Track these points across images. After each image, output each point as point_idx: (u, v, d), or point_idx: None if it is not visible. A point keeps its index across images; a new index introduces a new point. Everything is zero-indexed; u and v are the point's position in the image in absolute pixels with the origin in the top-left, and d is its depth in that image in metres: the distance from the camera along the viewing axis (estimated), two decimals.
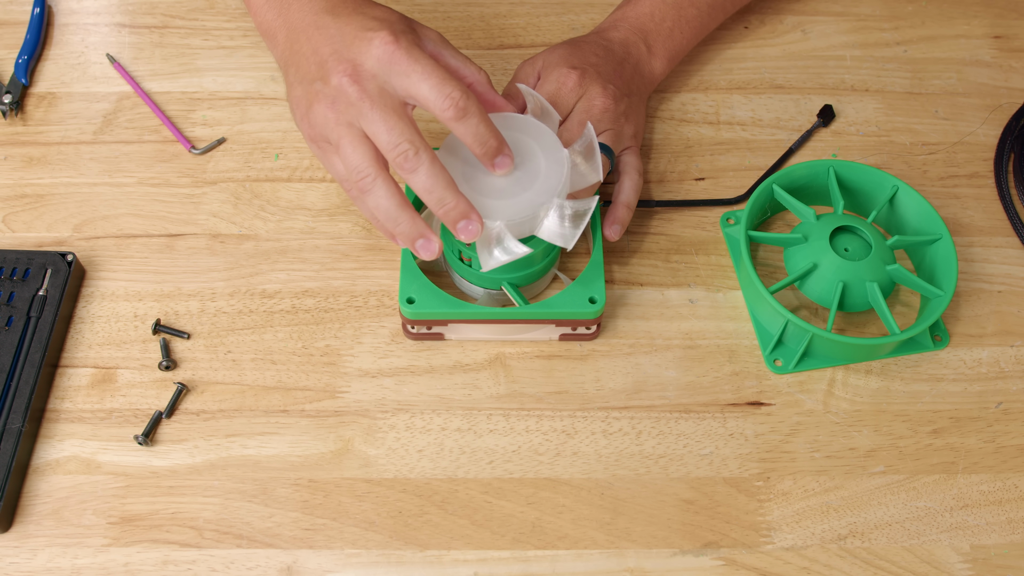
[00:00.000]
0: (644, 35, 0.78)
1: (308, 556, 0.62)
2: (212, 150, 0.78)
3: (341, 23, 0.61)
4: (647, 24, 0.78)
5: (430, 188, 0.59)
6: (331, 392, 0.68)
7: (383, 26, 0.60)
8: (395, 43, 0.59)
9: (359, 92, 0.59)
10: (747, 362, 0.70)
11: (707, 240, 0.75)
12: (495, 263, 0.62)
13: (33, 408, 0.65)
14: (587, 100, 0.71)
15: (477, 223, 0.60)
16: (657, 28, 0.78)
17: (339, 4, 0.63)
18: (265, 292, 0.72)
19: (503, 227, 0.61)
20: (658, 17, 0.78)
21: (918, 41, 0.86)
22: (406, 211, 0.61)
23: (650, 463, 0.66)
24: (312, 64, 0.61)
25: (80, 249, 0.73)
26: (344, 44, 0.60)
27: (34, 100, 0.81)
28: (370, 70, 0.59)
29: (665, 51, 0.78)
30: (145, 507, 0.63)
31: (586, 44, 0.75)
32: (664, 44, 0.78)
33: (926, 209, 0.71)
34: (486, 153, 0.61)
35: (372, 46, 0.59)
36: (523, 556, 0.62)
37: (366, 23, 0.61)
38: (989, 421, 0.68)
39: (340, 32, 0.61)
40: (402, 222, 0.61)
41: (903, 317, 0.72)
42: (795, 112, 0.82)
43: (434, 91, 0.58)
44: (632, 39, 0.77)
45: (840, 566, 0.63)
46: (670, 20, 0.78)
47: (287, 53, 0.64)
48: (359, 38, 0.60)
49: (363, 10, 0.62)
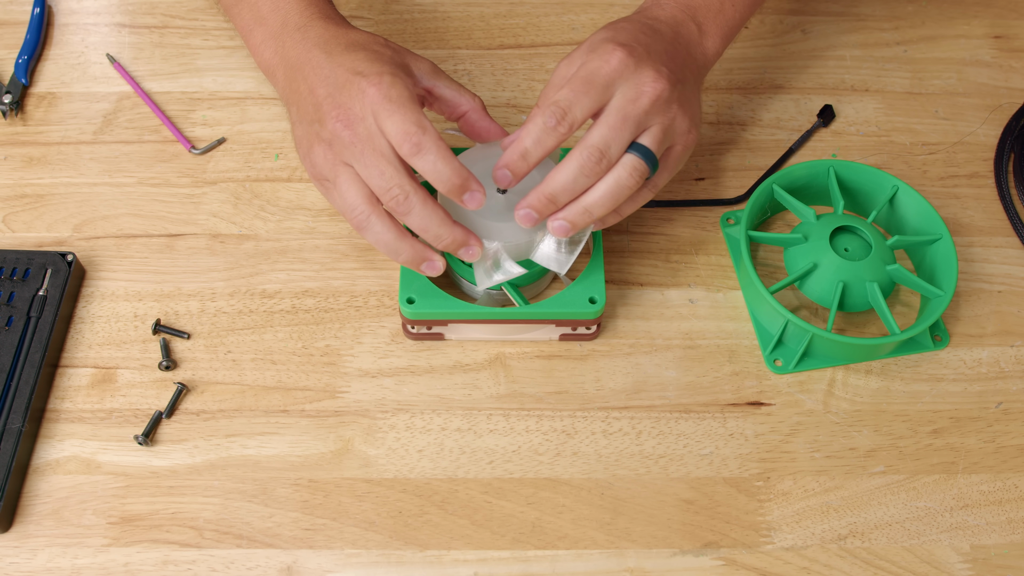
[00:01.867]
0: (693, 12, 0.68)
1: (308, 556, 0.62)
2: (212, 150, 0.78)
3: (334, 63, 0.62)
4: (694, 0, 0.68)
5: (425, 227, 0.61)
6: (331, 392, 0.68)
7: (372, 70, 0.61)
8: (377, 87, 0.60)
9: (351, 137, 0.60)
10: (747, 362, 0.70)
11: (707, 240, 0.75)
12: (491, 282, 0.64)
13: (33, 408, 0.65)
14: (635, 86, 0.60)
15: (476, 246, 0.63)
16: (707, 3, 0.68)
17: (331, 40, 0.64)
18: (265, 292, 0.72)
19: (500, 248, 0.64)
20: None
21: (918, 41, 0.86)
22: (404, 241, 0.62)
23: (650, 463, 0.66)
24: (310, 105, 0.63)
25: (80, 249, 0.73)
26: (337, 87, 0.61)
27: (34, 100, 0.81)
28: (359, 114, 0.60)
29: (718, 28, 0.68)
30: (145, 507, 0.63)
31: (628, 23, 0.65)
32: (716, 20, 0.68)
33: (926, 209, 0.72)
34: (449, 191, 0.60)
35: (360, 90, 0.60)
36: (523, 556, 0.62)
37: (357, 65, 0.61)
38: (989, 421, 0.68)
39: (333, 74, 0.62)
40: (403, 252, 0.63)
41: (903, 317, 0.72)
42: (795, 112, 0.82)
43: (397, 132, 0.59)
44: (680, 17, 0.67)
45: (840, 566, 0.63)
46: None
47: (288, 91, 0.66)
48: (350, 82, 0.61)
49: (354, 49, 0.63)
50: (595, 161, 0.60)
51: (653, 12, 0.67)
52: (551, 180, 0.61)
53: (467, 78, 0.83)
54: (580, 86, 0.60)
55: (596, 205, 0.61)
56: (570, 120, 0.60)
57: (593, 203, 0.61)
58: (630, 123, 0.60)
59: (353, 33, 0.65)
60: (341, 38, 0.64)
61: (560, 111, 0.60)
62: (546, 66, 0.84)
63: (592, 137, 0.60)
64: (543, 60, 0.84)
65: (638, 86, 0.60)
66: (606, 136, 0.60)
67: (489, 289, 0.68)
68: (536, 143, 0.60)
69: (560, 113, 0.60)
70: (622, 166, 0.61)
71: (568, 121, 0.60)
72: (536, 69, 0.84)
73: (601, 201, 0.61)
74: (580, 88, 0.60)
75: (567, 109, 0.60)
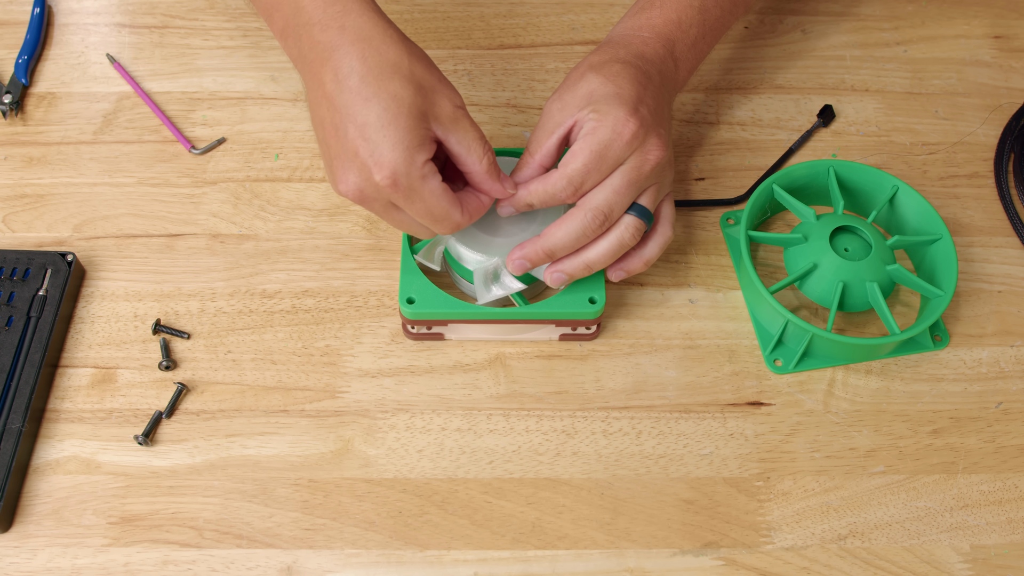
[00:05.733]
0: (671, 46, 0.69)
1: (308, 556, 0.62)
2: (212, 150, 0.78)
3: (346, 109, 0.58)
4: (674, 33, 0.69)
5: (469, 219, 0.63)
6: (331, 392, 0.68)
7: (384, 158, 0.57)
8: (393, 187, 0.58)
9: (369, 206, 0.61)
10: (747, 362, 0.70)
11: (707, 240, 0.75)
12: (492, 297, 0.66)
13: (33, 408, 0.65)
14: (641, 155, 0.62)
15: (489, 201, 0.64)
16: (684, 37, 0.70)
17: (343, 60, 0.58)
18: (265, 292, 0.72)
19: (500, 263, 0.65)
20: (685, 25, 0.70)
21: (918, 41, 0.86)
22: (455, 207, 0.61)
23: (650, 463, 0.66)
24: (325, 109, 0.59)
25: (80, 249, 0.73)
26: (347, 158, 0.58)
27: (34, 100, 0.81)
28: (371, 195, 0.59)
29: (689, 64, 0.71)
30: (145, 507, 0.63)
31: (623, 67, 0.65)
32: (689, 55, 0.70)
33: (926, 209, 0.71)
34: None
35: (372, 180, 0.58)
36: (523, 556, 0.62)
37: (369, 135, 0.57)
38: (989, 421, 0.68)
39: (344, 130, 0.58)
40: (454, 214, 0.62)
41: (903, 317, 0.72)
42: (795, 112, 0.82)
43: (428, 226, 0.61)
44: (662, 53, 0.68)
45: (840, 566, 0.63)
46: (696, 27, 0.70)
47: (303, 67, 0.62)
48: (358, 163, 0.58)
49: (367, 92, 0.58)
50: (599, 224, 0.62)
51: (639, 49, 0.67)
52: (551, 236, 0.63)
53: (467, 78, 0.83)
54: (594, 162, 0.61)
55: (596, 261, 0.64)
56: (581, 192, 0.62)
57: (594, 260, 0.64)
58: (633, 188, 0.63)
59: (372, 55, 0.58)
60: (356, 62, 0.58)
61: (572, 187, 0.62)
62: (546, 66, 0.84)
63: (596, 200, 0.62)
64: (543, 60, 0.84)
65: (644, 155, 0.62)
66: (610, 201, 0.62)
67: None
68: (543, 203, 0.64)
69: (572, 188, 0.62)
70: (624, 227, 0.63)
71: (580, 193, 0.62)
72: (536, 69, 0.84)
73: (601, 258, 0.64)
74: (593, 164, 0.61)
75: (579, 185, 0.62)
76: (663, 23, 0.69)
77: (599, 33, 0.86)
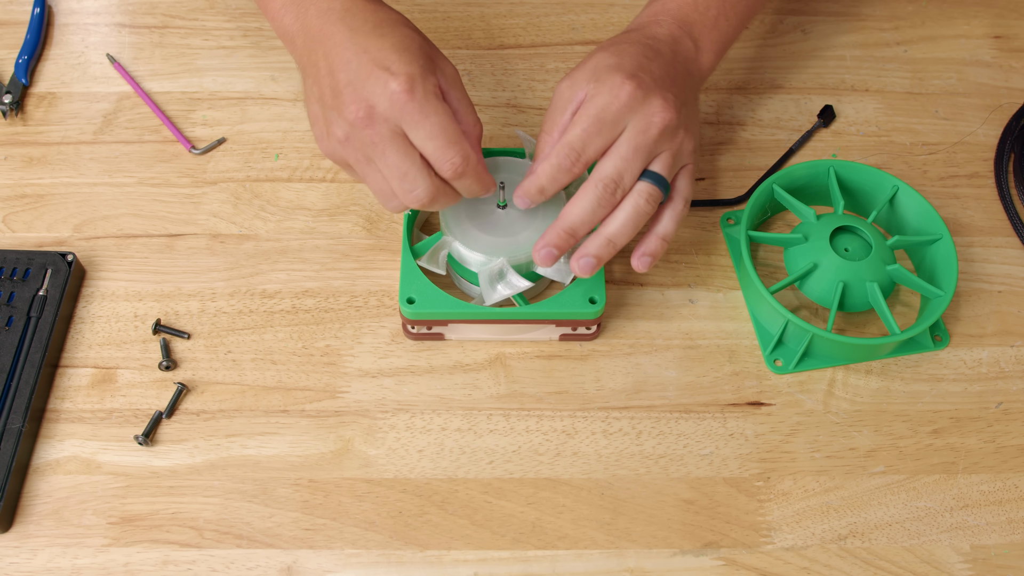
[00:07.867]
0: (689, 28, 0.68)
1: (308, 556, 0.62)
2: (212, 150, 0.78)
3: (359, 47, 0.59)
4: (691, 15, 0.68)
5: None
6: (331, 392, 0.68)
7: (401, 68, 0.58)
8: (409, 93, 0.57)
9: (372, 135, 0.59)
10: (747, 362, 0.70)
11: (707, 240, 0.75)
12: (499, 297, 0.66)
13: (33, 408, 0.65)
14: (644, 117, 0.61)
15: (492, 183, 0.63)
16: (702, 18, 0.69)
17: (357, 15, 0.61)
18: (265, 292, 0.72)
19: (505, 263, 0.65)
20: (702, 6, 0.69)
21: (918, 41, 0.86)
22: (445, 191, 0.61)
23: (650, 463, 0.66)
24: (327, 87, 0.60)
25: (80, 249, 0.73)
26: (360, 77, 0.59)
27: (34, 100, 0.81)
28: (383, 113, 0.58)
29: (712, 44, 0.69)
30: (145, 507, 0.63)
31: (630, 45, 0.65)
32: (710, 36, 0.69)
33: (926, 209, 0.72)
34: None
35: (387, 89, 0.58)
36: (523, 556, 0.62)
37: (384, 56, 0.58)
38: (989, 421, 0.68)
39: (357, 60, 0.59)
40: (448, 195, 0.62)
41: (903, 317, 0.72)
42: (795, 112, 0.82)
43: (437, 152, 0.59)
44: (678, 34, 0.67)
45: (840, 566, 0.63)
46: (715, 8, 0.69)
47: (305, 61, 0.63)
48: (374, 76, 0.58)
49: (381, 32, 0.60)
50: (610, 193, 0.61)
51: (651, 30, 0.68)
52: (568, 214, 0.62)
53: (467, 78, 0.83)
54: (592, 126, 0.61)
55: (618, 235, 0.63)
56: (584, 160, 0.62)
57: (615, 233, 0.62)
58: (641, 153, 0.62)
59: (382, 10, 0.62)
60: (368, 14, 0.61)
61: (575, 153, 0.62)
62: (546, 66, 0.84)
63: (605, 169, 0.61)
64: (543, 60, 0.84)
65: (647, 117, 0.61)
66: (619, 168, 0.61)
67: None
68: (552, 181, 0.63)
69: (575, 155, 0.62)
70: (637, 193, 0.62)
71: (583, 161, 0.62)
72: (536, 69, 0.84)
73: (622, 230, 0.62)
74: (593, 128, 0.61)
75: (581, 151, 0.62)
76: (678, 6, 0.69)
77: (599, 33, 0.86)
